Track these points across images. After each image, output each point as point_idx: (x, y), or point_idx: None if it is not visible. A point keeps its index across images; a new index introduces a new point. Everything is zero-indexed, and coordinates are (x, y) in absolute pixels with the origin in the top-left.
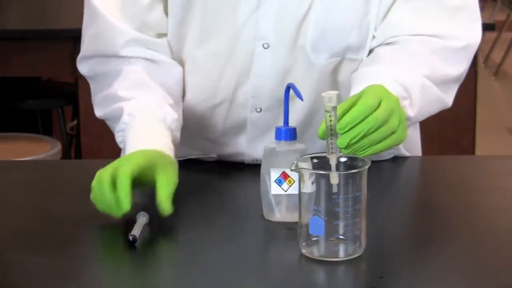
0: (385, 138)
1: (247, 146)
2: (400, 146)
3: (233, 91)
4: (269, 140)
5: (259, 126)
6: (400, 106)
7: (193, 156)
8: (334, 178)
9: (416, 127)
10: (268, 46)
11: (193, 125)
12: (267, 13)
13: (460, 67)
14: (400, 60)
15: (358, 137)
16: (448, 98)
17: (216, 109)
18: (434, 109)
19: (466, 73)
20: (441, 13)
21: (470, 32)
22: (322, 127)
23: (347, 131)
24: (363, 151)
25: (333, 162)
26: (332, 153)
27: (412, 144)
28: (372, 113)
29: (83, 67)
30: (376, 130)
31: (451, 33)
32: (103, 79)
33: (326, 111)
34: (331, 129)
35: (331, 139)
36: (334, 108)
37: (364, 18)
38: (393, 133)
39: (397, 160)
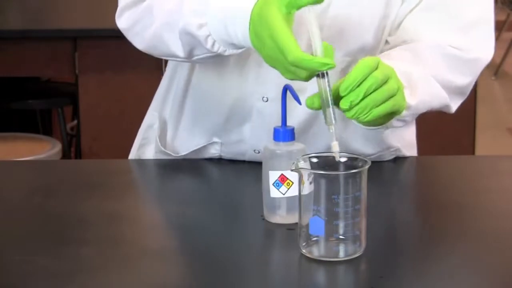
0: (385, 100)
1: (250, 135)
2: (400, 146)
3: (243, 77)
4: (270, 131)
5: (264, 116)
6: (396, 75)
7: (197, 147)
8: (335, 146)
9: (413, 129)
10: None
11: (200, 105)
12: None
13: (465, 79)
14: (406, 57)
15: (360, 97)
16: (451, 104)
17: (224, 92)
18: (436, 104)
19: (471, 89)
20: (457, 25)
21: (483, 47)
22: (316, 95)
23: (349, 93)
24: (365, 115)
25: (332, 130)
26: (328, 122)
27: (409, 145)
28: (371, 73)
29: (123, 20)
30: (376, 89)
31: (464, 46)
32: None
33: (317, 76)
34: (325, 96)
35: (329, 106)
36: (326, 74)
37: (382, 20)
38: (392, 96)
39: (398, 160)
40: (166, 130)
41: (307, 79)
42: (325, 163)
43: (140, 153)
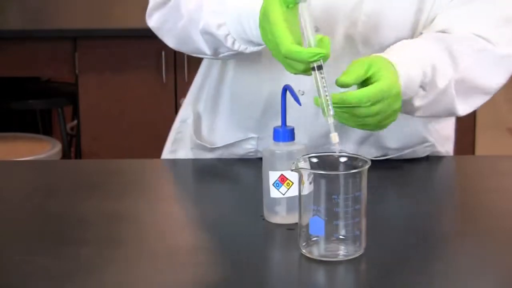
0: (355, 124)
1: None
2: (434, 141)
3: (278, 71)
4: (309, 123)
5: (300, 109)
6: (395, 111)
7: (235, 140)
8: (335, 137)
9: (450, 123)
10: (318, 30)
11: (236, 100)
12: None
13: (496, 79)
14: (439, 49)
15: (339, 110)
16: (462, 107)
17: (260, 87)
18: (439, 112)
19: (499, 88)
20: (492, 20)
21: None
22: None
23: (339, 105)
24: (336, 117)
25: (330, 121)
26: (327, 112)
27: (444, 139)
28: (364, 106)
29: (153, 19)
30: (353, 115)
31: (498, 39)
32: (171, 15)
33: (312, 69)
34: (321, 88)
35: (326, 96)
36: (320, 66)
37: (416, 15)
38: (364, 125)
39: (404, 160)
40: (201, 124)
41: (305, 72)
42: (325, 163)
43: (174, 148)
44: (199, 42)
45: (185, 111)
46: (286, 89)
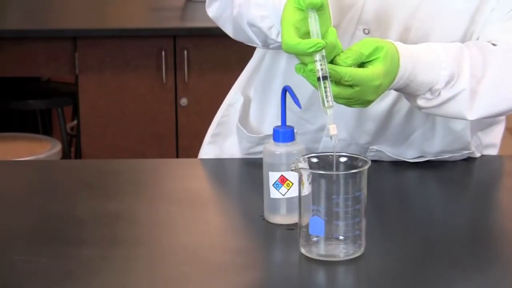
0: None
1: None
2: (476, 151)
3: None
4: (351, 117)
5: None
6: (368, 101)
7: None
8: (333, 129)
9: (499, 132)
10: (369, 32)
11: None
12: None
13: None
14: (474, 63)
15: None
16: (475, 112)
17: (304, 81)
18: (444, 115)
19: None
20: None
21: None
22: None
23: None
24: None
25: (329, 113)
26: (326, 104)
27: (486, 148)
28: (342, 84)
29: (212, 9)
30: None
31: None
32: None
33: (317, 79)
34: (323, 78)
35: (325, 89)
36: (323, 57)
37: (469, 24)
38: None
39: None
40: (249, 109)
41: (312, 70)
42: (325, 163)
43: (218, 131)
44: (249, 33)
45: (234, 96)
46: (286, 90)
